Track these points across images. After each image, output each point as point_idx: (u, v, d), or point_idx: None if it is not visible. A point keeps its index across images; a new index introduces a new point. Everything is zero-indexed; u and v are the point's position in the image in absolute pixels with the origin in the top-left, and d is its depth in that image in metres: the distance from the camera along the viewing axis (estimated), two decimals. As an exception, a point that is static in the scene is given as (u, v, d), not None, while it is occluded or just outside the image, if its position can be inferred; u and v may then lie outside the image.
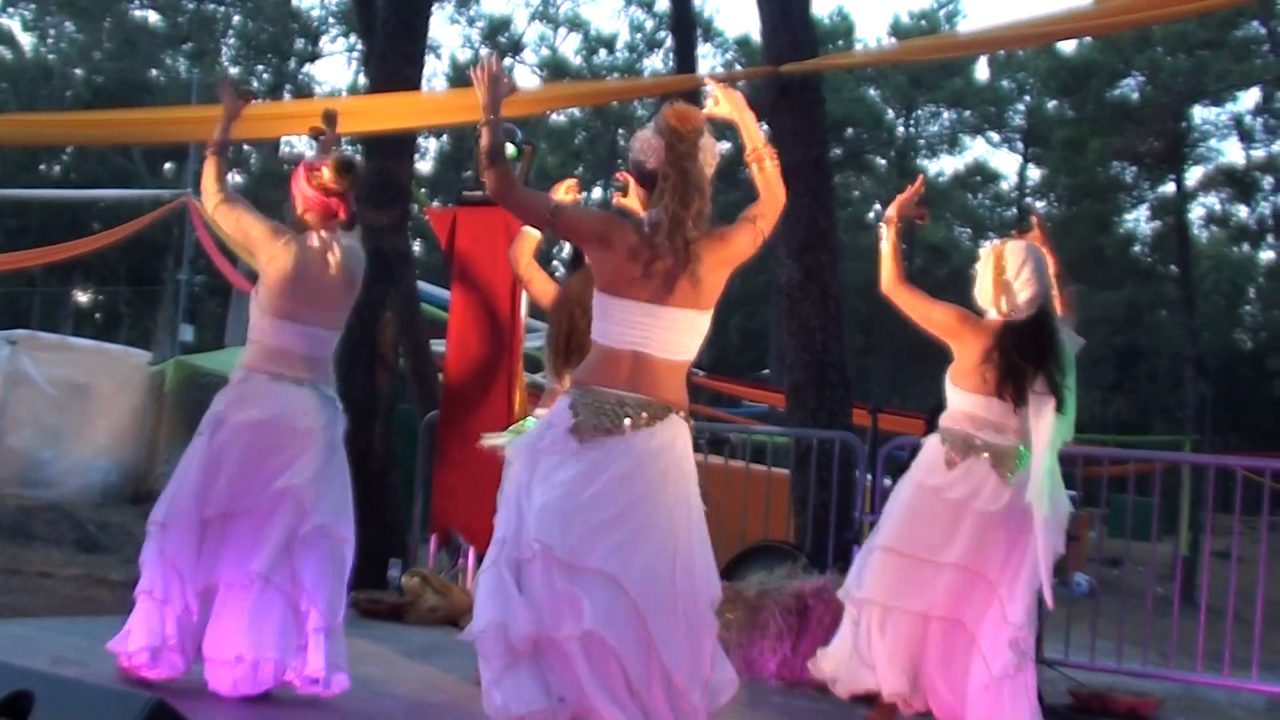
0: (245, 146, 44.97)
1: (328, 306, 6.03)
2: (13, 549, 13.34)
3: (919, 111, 54.35)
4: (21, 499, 16.36)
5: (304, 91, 43.05)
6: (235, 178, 52.15)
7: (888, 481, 8.16)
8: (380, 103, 10.75)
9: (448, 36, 64.80)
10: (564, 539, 4.22)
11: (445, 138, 48.05)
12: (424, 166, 50.52)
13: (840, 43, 49.16)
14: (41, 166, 45.27)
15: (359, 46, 37.45)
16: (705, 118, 4.78)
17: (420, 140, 25.22)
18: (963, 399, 5.88)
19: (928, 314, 6.00)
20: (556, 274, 6.70)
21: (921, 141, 54.67)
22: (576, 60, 51.41)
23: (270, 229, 5.94)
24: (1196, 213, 48.29)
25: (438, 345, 13.61)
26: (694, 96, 18.60)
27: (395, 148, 12.55)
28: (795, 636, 7.12)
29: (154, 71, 45.42)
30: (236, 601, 5.61)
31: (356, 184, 6.04)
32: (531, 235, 6.53)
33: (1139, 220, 47.45)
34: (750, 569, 8.34)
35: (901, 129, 54.54)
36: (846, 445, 9.53)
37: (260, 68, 44.70)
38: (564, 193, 5.59)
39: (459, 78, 46.47)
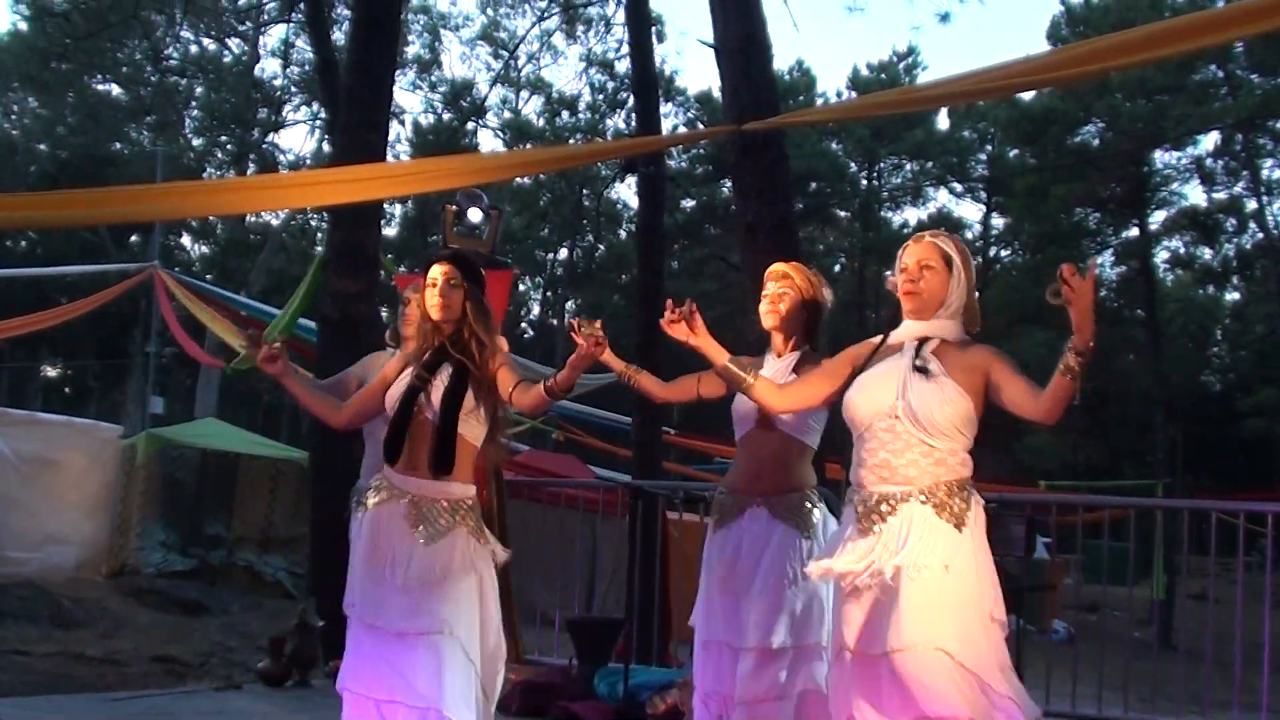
0: (210, 216, 44.93)
1: None
2: (-14, 627, 13.27)
3: (881, 164, 54.64)
4: (-7, 576, 16.28)
5: (268, 161, 43.02)
6: (201, 248, 52.19)
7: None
8: (347, 175, 10.75)
9: (410, 102, 65.09)
10: None
11: (410, 203, 48.11)
12: (390, 232, 50.57)
13: (801, 97, 49.39)
14: (7, 243, 45.19)
15: (322, 114, 37.50)
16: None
17: (386, 206, 25.31)
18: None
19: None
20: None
21: (885, 194, 54.95)
22: (539, 122, 51.53)
23: None
24: (1161, 256, 48.61)
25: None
26: (658, 158, 18.65)
27: (362, 216, 12.60)
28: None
29: (118, 145, 45.43)
30: None
31: None
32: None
33: (1104, 265, 47.59)
34: (729, 627, 8.32)
35: (865, 181, 54.83)
36: (822, 499, 9.52)
37: (223, 138, 44.69)
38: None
39: (423, 143, 46.56)
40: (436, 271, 5.43)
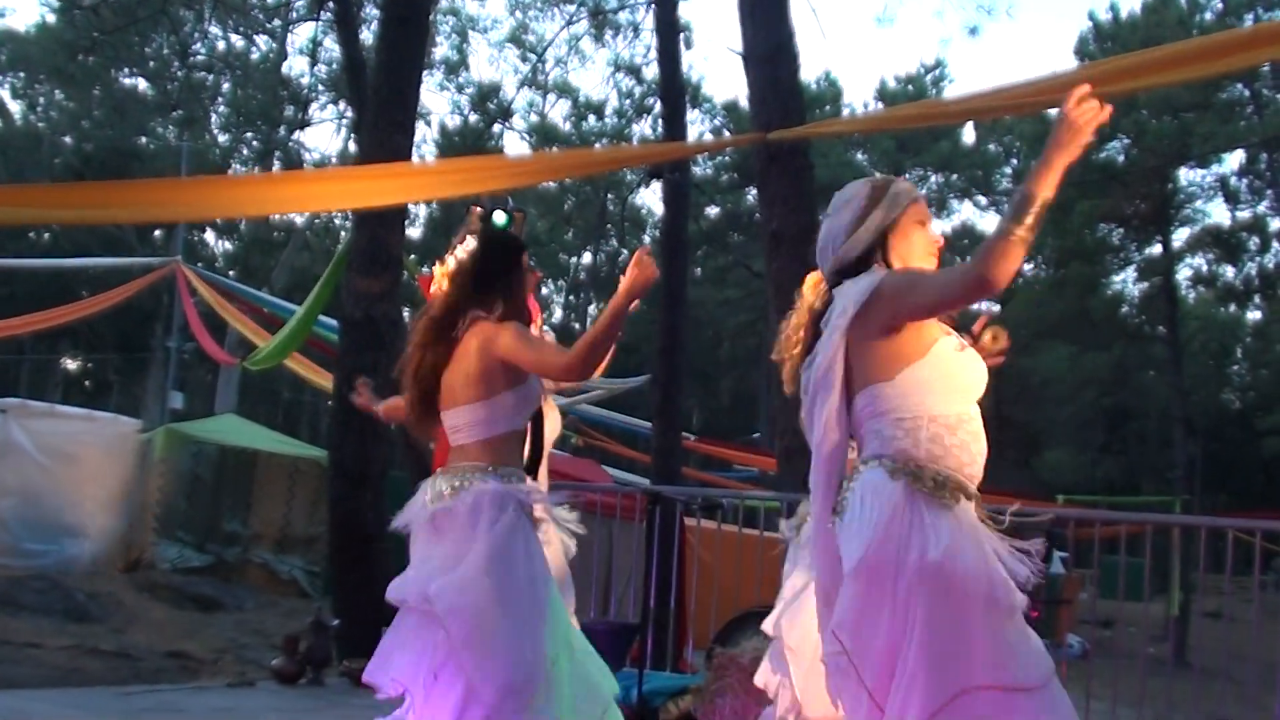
0: (233, 217, 44.96)
1: None
2: (2, 619, 13.30)
3: (907, 175, 54.48)
4: (10, 568, 16.31)
5: (293, 159, 43.03)
6: (224, 244, 52.25)
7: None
8: (370, 173, 10.75)
9: (437, 104, 64.96)
10: None
11: (435, 204, 48.09)
12: (414, 233, 50.56)
13: (828, 108, 49.33)
14: (31, 234, 45.30)
15: (349, 113, 37.50)
16: None
17: (410, 207, 25.28)
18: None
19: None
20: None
21: (909, 205, 54.76)
22: (565, 126, 51.52)
23: None
24: (1184, 274, 48.41)
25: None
26: (683, 165, 18.62)
27: (386, 216, 12.61)
28: (790, 702, 7.07)
29: (143, 139, 45.47)
30: None
31: None
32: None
33: (1127, 282, 47.50)
34: (744, 635, 8.32)
35: (889, 193, 54.64)
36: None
37: (249, 135, 44.70)
38: None
39: (449, 145, 46.56)
40: None
